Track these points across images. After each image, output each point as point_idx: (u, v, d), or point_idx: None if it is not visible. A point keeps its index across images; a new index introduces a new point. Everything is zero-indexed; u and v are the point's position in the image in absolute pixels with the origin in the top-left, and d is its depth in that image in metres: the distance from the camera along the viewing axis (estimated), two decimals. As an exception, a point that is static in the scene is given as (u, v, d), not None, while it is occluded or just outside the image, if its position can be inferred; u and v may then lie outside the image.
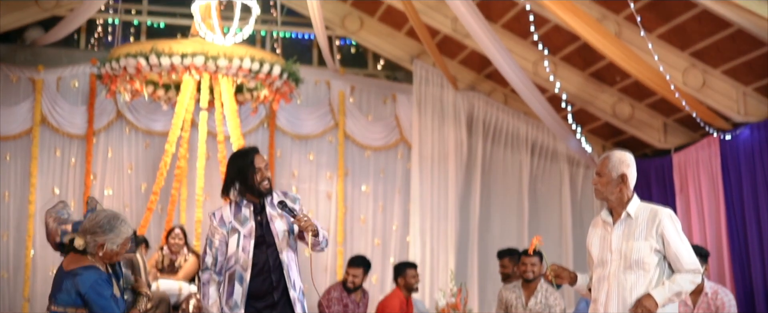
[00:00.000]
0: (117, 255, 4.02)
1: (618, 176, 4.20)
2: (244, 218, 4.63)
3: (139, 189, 9.06)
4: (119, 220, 4.01)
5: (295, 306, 4.60)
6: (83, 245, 3.96)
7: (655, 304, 4.00)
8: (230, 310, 4.55)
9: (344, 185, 9.59)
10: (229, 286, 4.59)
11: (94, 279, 3.90)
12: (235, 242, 4.61)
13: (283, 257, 4.60)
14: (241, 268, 4.57)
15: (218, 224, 4.65)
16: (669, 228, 4.09)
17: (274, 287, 4.59)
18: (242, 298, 4.55)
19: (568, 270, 4.36)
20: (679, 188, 8.47)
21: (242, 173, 4.62)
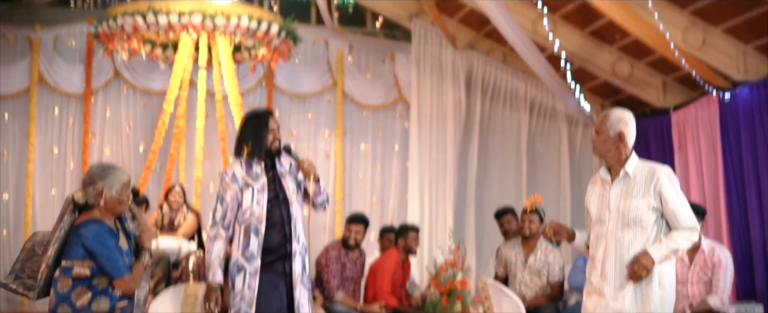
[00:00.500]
0: (119, 203, 4.03)
1: (616, 134, 4.20)
2: (255, 175, 4.81)
3: (138, 149, 9.06)
4: (112, 167, 4.07)
5: (295, 258, 4.79)
6: (83, 197, 4.00)
7: (651, 261, 4.04)
8: (247, 261, 4.75)
9: (343, 143, 9.60)
10: (244, 239, 4.78)
11: (97, 230, 3.93)
12: (249, 197, 4.79)
13: (293, 210, 4.80)
14: (256, 221, 4.76)
15: (230, 181, 4.80)
16: (667, 186, 4.11)
17: (287, 239, 4.79)
18: (258, 249, 4.74)
19: (567, 228, 4.39)
20: (678, 147, 8.48)
21: (257, 133, 4.80)
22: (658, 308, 4.09)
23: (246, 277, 4.76)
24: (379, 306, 7.22)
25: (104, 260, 3.90)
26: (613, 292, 4.14)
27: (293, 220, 4.81)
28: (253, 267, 4.76)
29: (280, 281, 4.85)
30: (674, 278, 4.23)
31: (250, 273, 4.75)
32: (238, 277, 4.79)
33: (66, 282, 3.92)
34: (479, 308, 6.96)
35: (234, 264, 4.81)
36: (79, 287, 3.90)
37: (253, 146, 4.83)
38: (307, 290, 4.94)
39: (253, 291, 4.78)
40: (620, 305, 4.10)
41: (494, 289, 5.47)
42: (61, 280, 3.92)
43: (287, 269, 4.85)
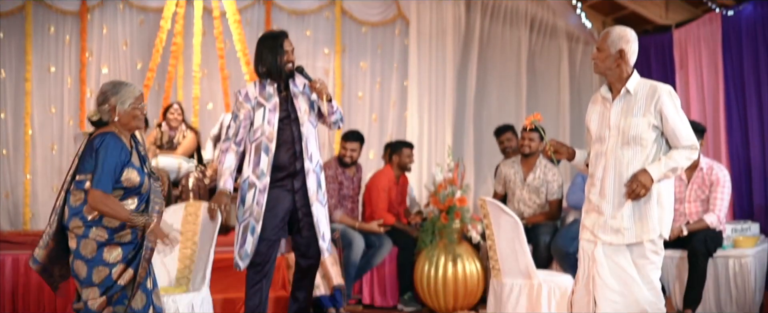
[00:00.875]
0: (133, 118, 4.07)
1: (616, 51, 4.19)
2: (268, 95, 5.11)
3: (135, 67, 8.98)
4: (123, 83, 4.13)
5: (309, 176, 5.12)
6: (95, 113, 4.07)
7: (650, 179, 4.06)
8: (257, 178, 5.06)
9: (341, 61, 9.52)
10: (255, 156, 5.09)
11: (107, 140, 3.97)
12: (260, 116, 5.10)
13: (304, 130, 5.10)
14: (267, 139, 5.07)
15: (244, 100, 5.11)
16: (667, 104, 4.10)
17: (296, 158, 5.10)
18: (268, 167, 5.05)
19: (567, 146, 4.40)
20: (679, 65, 8.42)
21: (272, 54, 5.08)
22: (656, 226, 4.13)
23: (255, 193, 5.05)
24: (377, 224, 7.29)
25: (98, 165, 3.92)
26: (611, 210, 4.17)
27: (304, 139, 5.09)
28: (262, 184, 5.05)
29: (287, 197, 5.14)
30: (672, 196, 4.26)
31: (260, 190, 5.04)
32: (248, 193, 5.09)
33: (78, 195, 3.97)
34: (477, 225, 7.03)
35: (244, 181, 5.11)
36: None
37: (268, 68, 5.11)
38: (324, 207, 5.24)
39: (261, 207, 5.07)
40: (618, 223, 4.14)
41: (493, 207, 5.50)
42: (73, 193, 3.97)
43: (295, 186, 5.13)
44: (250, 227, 5.06)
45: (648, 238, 4.12)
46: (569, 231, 6.75)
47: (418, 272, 7.09)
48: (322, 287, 6.63)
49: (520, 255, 5.41)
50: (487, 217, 5.56)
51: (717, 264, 6.20)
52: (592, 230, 4.22)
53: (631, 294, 4.12)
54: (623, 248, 4.15)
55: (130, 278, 3.96)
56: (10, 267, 6.44)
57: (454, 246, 6.99)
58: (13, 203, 8.72)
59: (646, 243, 4.13)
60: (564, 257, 6.67)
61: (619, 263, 4.14)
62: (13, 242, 7.22)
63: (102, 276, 3.91)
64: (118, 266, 3.94)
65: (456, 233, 7.03)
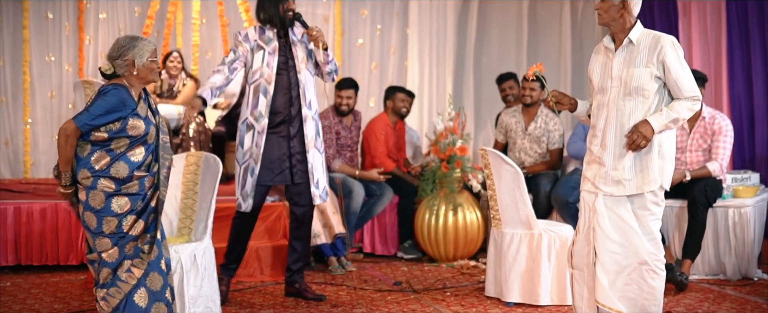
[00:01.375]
0: (151, 71, 4.10)
1: (620, 1, 4.15)
2: (268, 39, 5.26)
3: (133, 13, 8.90)
4: (138, 37, 4.13)
5: (307, 122, 5.28)
6: (110, 67, 4.07)
7: (651, 130, 4.06)
8: (255, 120, 5.23)
9: (341, 8, 9.42)
10: (253, 98, 5.24)
11: (113, 89, 3.97)
12: (260, 58, 5.25)
13: (301, 77, 5.25)
14: (266, 81, 5.22)
15: (243, 39, 5.27)
16: (670, 55, 4.08)
17: (292, 103, 5.25)
18: (266, 108, 5.21)
19: (569, 96, 4.39)
20: (682, 12, 8.34)
21: (274, 1, 5.23)
22: (657, 177, 4.14)
23: (254, 135, 5.22)
24: (377, 172, 7.30)
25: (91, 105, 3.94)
26: (612, 161, 4.17)
27: (301, 85, 5.24)
28: (260, 126, 5.20)
29: (282, 143, 5.28)
30: (674, 147, 4.26)
31: (258, 132, 5.21)
32: (247, 135, 5.25)
33: (86, 147, 3.97)
34: (478, 174, 7.04)
35: (243, 122, 5.27)
36: (98, 150, 3.95)
37: (269, 15, 5.25)
38: (321, 154, 5.39)
39: (259, 148, 5.23)
40: (619, 174, 4.15)
41: (494, 157, 5.50)
42: (80, 145, 3.97)
43: (291, 132, 5.27)
44: (250, 168, 5.24)
45: (649, 189, 4.13)
46: (570, 180, 6.77)
47: (418, 221, 7.12)
48: (323, 235, 6.67)
49: (520, 205, 5.42)
50: (488, 167, 5.56)
51: (716, 214, 6.22)
52: (594, 181, 4.23)
53: (631, 245, 4.14)
54: (624, 199, 4.16)
55: (141, 229, 3.99)
56: (12, 215, 6.45)
57: (454, 195, 7.01)
58: (13, 151, 8.72)
59: (647, 194, 4.14)
60: (564, 207, 6.70)
61: (620, 214, 4.16)
62: (14, 190, 7.25)
63: (112, 226, 3.94)
64: (128, 217, 3.96)
65: (457, 182, 7.04)
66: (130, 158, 3.99)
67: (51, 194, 6.82)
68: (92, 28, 8.79)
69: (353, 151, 7.55)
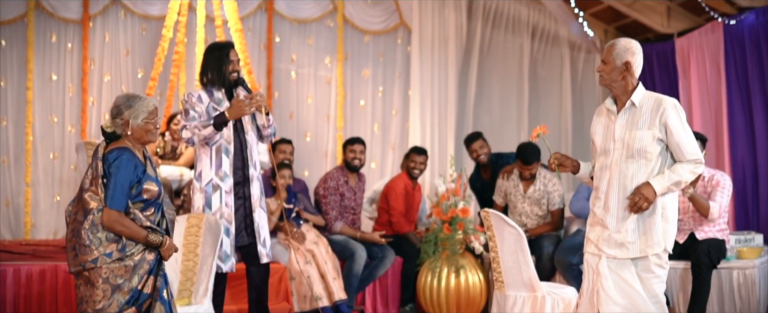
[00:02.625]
0: (146, 132, 4.10)
1: (622, 63, 4.18)
2: (218, 100, 5.31)
3: (137, 75, 8.97)
4: (137, 96, 4.15)
5: (253, 182, 5.35)
6: (110, 125, 4.10)
7: (653, 192, 4.05)
8: (221, 180, 5.26)
9: (343, 69, 9.51)
10: (216, 159, 5.27)
11: (117, 155, 3.98)
12: None
13: (248, 138, 5.34)
14: (226, 142, 5.28)
15: (197, 101, 5.28)
16: (672, 117, 4.08)
17: (244, 165, 5.32)
18: (230, 168, 5.27)
19: (571, 158, 4.39)
20: (682, 73, 8.41)
21: (218, 64, 5.29)
22: (661, 240, 4.11)
23: (222, 195, 5.24)
24: (378, 234, 7.27)
25: (110, 184, 3.94)
26: (615, 223, 4.15)
27: (249, 147, 5.33)
28: (227, 185, 5.25)
29: (239, 202, 5.33)
30: (677, 210, 4.24)
31: (226, 191, 5.25)
32: (214, 196, 5.25)
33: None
34: (480, 236, 7.01)
35: (208, 184, 5.25)
36: None
37: (214, 77, 5.31)
38: (265, 213, 5.47)
39: (230, 208, 5.27)
40: (623, 237, 4.12)
41: (496, 218, 5.48)
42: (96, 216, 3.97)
43: (246, 193, 5.34)
44: (222, 228, 5.20)
45: (653, 252, 4.10)
46: (573, 242, 6.73)
47: (420, 283, 7.06)
48: (325, 298, 6.62)
49: (523, 267, 5.38)
50: (490, 229, 5.54)
51: (721, 275, 6.17)
52: (597, 244, 4.21)
53: (635, 308, 4.10)
54: (628, 261, 4.13)
55: (152, 285, 4.01)
56: (11, 277, 6.41)
57: (456, 257, 6.97)
58: (14, 212, 8.69)
59: (651, 257, 4.11)
60: (567, 268, 6.65)
61: (624, 277, 4.13)
62: (14, 252, 7.20)
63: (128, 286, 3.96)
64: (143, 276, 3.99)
65: (459, 244, 7.01)
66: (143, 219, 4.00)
67: (51, 256, 6.78)
68: (96, 90, 8.85)
69: (356, 213, 7.53)
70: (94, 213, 3.96)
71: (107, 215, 3.91)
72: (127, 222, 3.94)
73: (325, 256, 6.87)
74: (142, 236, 3.97)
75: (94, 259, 3.92)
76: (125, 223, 3.93)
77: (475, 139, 7.80)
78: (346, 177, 7.42)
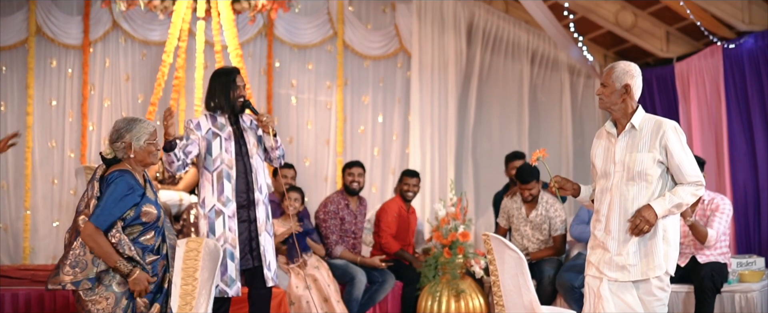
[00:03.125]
0: (148, 154, 4.11)
1: (622, 86, 4.17)
2: (221, 125, 5.29)
3: (137, 100, 8.98)
4: (136, 119, 4.17)
5: (258, 206, 5.31)
6: (110, 151, 4.10)
7: (654, 215, 4.03)
8: (223, 205, 5.24)
9: (343, 95, 9.52)
10: (218, 185, 5.25)
11: (118, 176, 3.97)
12: (218, 145, 5.25)
13: (253, 162, 5.30)
14: (227, 167, 5.25)
15: (194, 128, 5.27)
16: (673, 140, 4.07)
17: (249, 188, 5.29)
18: (232, 193, 5.25)
19: (571, 181, 4.38)
20: (682, 97, 8.42)
21: (224, 89, 5.28)
22: (662, 263, 4.09)
23: (225, 220, 5.22)
24: (379, 259, 7.23)
25: (102, 200, 3.93)
26: (616, 246, 4.13)
27: (254, 171, 5.29)
28: (230, 210, 5.22)
29: (244, 226, 5.30)
30: (678, 233, 4.22)
31: (229, 216, 5.22)
32: (217, 222, 5.23)
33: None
34: (481, 260, 6.97)
35: (211, 210, 5.24)
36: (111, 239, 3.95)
37: (222, 102, 5.30)
38: (271, 237, 5.43)
39: (234, 233, 5.24)
40: (624, 260, 4.10)
41: (496, 242, 5.44)
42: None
43: (251, 216, 5.31)
44: (228, 253, 5.21)
45: (654, 275, 4.09)
46: (574, 265, 6.69)
47: (420, 308, 7.02)
48: (325, 322, 6.60)
49: (523, 291, 5.33)
50: (490, 252, 5.49)
51: (723, 299, 6.12)
52: (598, 266, 4.18)
53: (637, 331, 4.07)
54: (629, 284, 4.12)
55: (157, 312, 4.03)
56: (9, 303, 6.37)
57: (457, 281, 6.94)
58: (13, 237, 8.65)
59: (653, 280, 4.09)
60: (569, 291, 6.60)
61: (625, 299, 4.10)
62: (13, 277, 7.15)
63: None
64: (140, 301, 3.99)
65: (459, 268, 6.97)
66: (142, 243, 3.99)
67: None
68: (96, 115, 8.85)
69: (357, 238, 7.49)
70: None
71: (87, 228, 3.90)
72: (101, 241, 3.90)
73: (327, 279, 6.84)
74: (112, 260, 3.93)
75: (76, 282, 3.90)
76: (99, 241, 3.90)
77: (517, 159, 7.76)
78: (347, 201, 7.40)
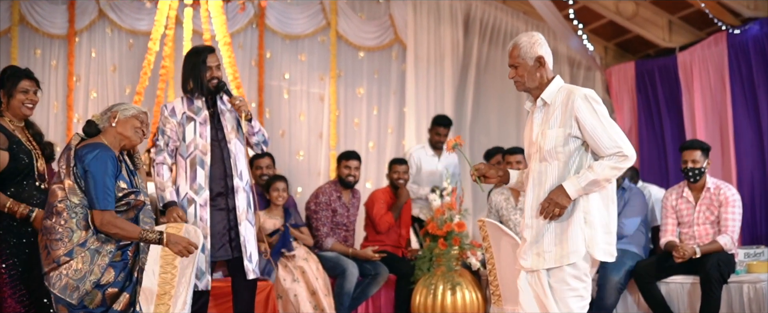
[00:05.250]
0: (130, 127, 3.91)
1: (535, 60, 3.79)
2: (197, 108, 5.02)
3: (124, 91, 8.71)
4: (125, 102, 4.02)
5: (238, 193, 5.01)
6: (98, 118, 3.91)
7: (565, 196, 3.66)
8: (195, 193, 4.97)
9: (337, 87, 9.26)
10: (191, 171, 4.99)
11: (98, 152, 3.76)
12: (192, 130, 5.00)
13: (232, 147, 5.03)
14: (201, 153, 4.98)
15: (169, 115, 5.01)
16: (582, 109, 3.67)
17: (228, 174, 5.01)
18: (205, 180, 4.97)
19: (496, 168, 3.98)
20: (685, 88, 8.20)
21: (195, 70, 5.01)
22: (579, 249, 3.70)
23: (197, 209, 4.95)
24: (372, 250, 6.97)
25: (93, 184, 3.72)
26: (532, 233, 3.78)
27: (232, 156, 5.02)
28: (202, 199, 4.95)
29: (222, 215, 5.03)
30: (607, 213, 3.78)
31: (201, 205, 4.95)
32: (188, 210, 4.96)
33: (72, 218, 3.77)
34: (477, 252, 6.72)
35: (183, 198, 4.97)
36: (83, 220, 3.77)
37: (193, 83, 5.03)
38: (253, 227, 5.11)
39: (205, 222, 4.97)
40: (539, 246, 3.74)
41: (492, 228, 5.20)
42: (71, 213, 3.77)
43: (229, 204, 5.02)
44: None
45: (568, 261, 3.68)
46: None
47: (415, 301, 6.78)
48: (313, 316, 6.35)
49: (522, 280, 5.09)
50: (486, 239, 5.25)
51: (730, 290, 5.88)
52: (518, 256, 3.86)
53: (550, 325, 3.70)
54: (544, 273, 3.74)
55: (126, 303, 3.77)
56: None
57: (452, 274, 6.69)
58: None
59: (566, 267, 3.69)
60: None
61: (538, 291, 3.76)
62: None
63: (96, 301, 3.70)
64: (109, 289, 3.73)
65: (455, 260, 6.73)
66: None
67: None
68: (81, 107, 8.58)
69: (349, 230, 7.23)
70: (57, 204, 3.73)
71: (99, 217, 3.70)
72: (119, 222, 3.74)
73: (315, 272, 6.59)
74: (136, 234, 3.77)
75: (68, 252, 3.69)
76: (117, 223, 3.73)
77: (493, 155, 7.59)
78: (340, 192, 7.15)
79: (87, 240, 3.72)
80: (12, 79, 4.51)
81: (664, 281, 6.02)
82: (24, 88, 4.48)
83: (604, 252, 3.73)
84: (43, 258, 3.76)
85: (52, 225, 3.73)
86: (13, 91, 4.48)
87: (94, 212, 3.72)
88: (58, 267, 3.69)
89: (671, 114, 8.50)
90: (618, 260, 6.02)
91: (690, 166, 5.99)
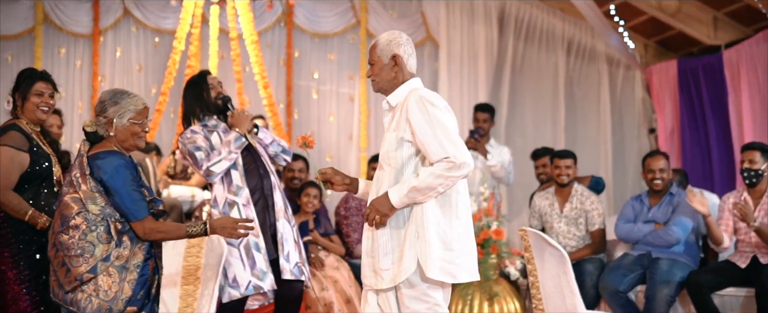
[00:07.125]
0: (132, 135, 3.62)
1: (390, 58, 3.52)
2: (213, 125, 4.87)
3: (150, 91, 8.52)
4: (124, 92, 3.66)
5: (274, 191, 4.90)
6: (92, 125, 3.62)
7: (388, 204, 3.36)
8: (235, 195, 4.83)
9: (367, 86, 8.99)
10: (226, 177, 4.80)
11: (116, 163, 3.52)
12: (217, 139, 4.82)
13: (259, 149, 4.94)
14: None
15: (191, 133, 4.82)
16: (414, 112, 3.37)
17: (261, 177, 4.89)
18: (241, 179, 4.81)
19: (343, 175, 3.69)
20: (731, 87, 7.86)
21: (200, 94, 4.88)
22: (410, 266, 3.37)
23: (240, 209, 4.75)
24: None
25: (122, 198, 3.49)
26: (370, 246, 3.49)
27: (261, 155, 4.91)
28: (243, 198, 4.77)
29: (262, 214, 4.85)
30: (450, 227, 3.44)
31: (243, 204, 4.78)
32: (231, 212, 4.74)
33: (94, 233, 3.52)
34: (516, 260, 6.42)
35: (223, 203, 4.77)
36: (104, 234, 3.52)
37: (201, 110, 4.86)
38: (291, 225, 4.92)
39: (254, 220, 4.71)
40: (377, 263, 3.43)
41: (535, 238, 4.87)
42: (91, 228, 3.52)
43: (269, 203, 4.85)
44: (251, 244, 4.70)
45: (400, 280, 3.36)
46: (619, 266, 6.07)
47: (451, 312, 6.48)
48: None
49: (566, 293, 4.76)
50: (528, 250, 4.93)
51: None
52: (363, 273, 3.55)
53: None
54: (390, 293, 3.44)
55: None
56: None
57: (490, 284, 6.40)
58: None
59: (403, 288, 3.38)
60: (613, 296, 5.97)
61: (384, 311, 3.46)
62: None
63: None
64: (128, 308, 3.52)
65: (492, 269, 6.43)
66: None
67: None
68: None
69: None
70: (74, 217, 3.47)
71: (140, 228, 3.51)
72: (160, 226, 3.57)
73: (348, 280, 6.33)
74: (182, 233, 3.62)
75: (91, 268, 3.44)
76: (159, 228, 3.56)
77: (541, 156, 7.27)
78: (371, 197, 6.87)
79: (110, 254, 3.47)
80: (27, 81, 4.28)
81: (717, 293, 5.67)
82: (39, 91, 4.24)
83: (440, 270, 3.36)
84: (62, 276, 3.49)
85: (68, 240, 3.47)
86: (28, 93, 4.25)
87: (134, 225, 3.52)
88: (81, 285, 3.44)
89: (716, 115, 8.17)
90: (668, 271, 5.74)
91: (746, 166, 5.65)
